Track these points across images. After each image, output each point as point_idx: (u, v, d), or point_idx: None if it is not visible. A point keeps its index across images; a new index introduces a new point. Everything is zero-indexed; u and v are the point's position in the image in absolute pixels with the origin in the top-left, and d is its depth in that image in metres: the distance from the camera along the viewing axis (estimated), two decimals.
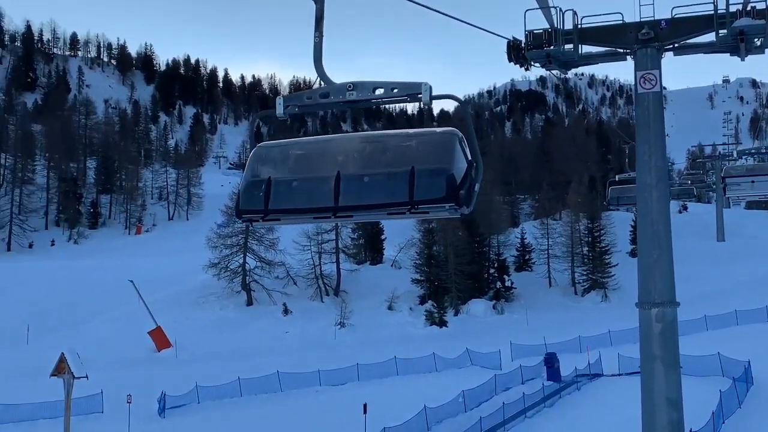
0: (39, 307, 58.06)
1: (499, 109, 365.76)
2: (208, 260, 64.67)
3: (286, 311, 62.34)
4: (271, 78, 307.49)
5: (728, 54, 14.93)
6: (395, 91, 5.21)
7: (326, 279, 69.10)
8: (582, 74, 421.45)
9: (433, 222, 74.03)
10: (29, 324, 52.85)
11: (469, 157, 5.37)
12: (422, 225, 73.91)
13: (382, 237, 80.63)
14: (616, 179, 21.18)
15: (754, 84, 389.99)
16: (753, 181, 18.10)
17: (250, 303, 64.47)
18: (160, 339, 52.04)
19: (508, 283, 68.78)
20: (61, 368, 29.41)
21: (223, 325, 58.93)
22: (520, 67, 15.36)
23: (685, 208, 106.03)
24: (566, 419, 30.94)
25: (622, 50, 15.95)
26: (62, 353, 29.50)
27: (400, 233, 78.51)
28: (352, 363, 43.01)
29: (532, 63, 15.42)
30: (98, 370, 44.52)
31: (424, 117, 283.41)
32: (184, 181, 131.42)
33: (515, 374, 36.83)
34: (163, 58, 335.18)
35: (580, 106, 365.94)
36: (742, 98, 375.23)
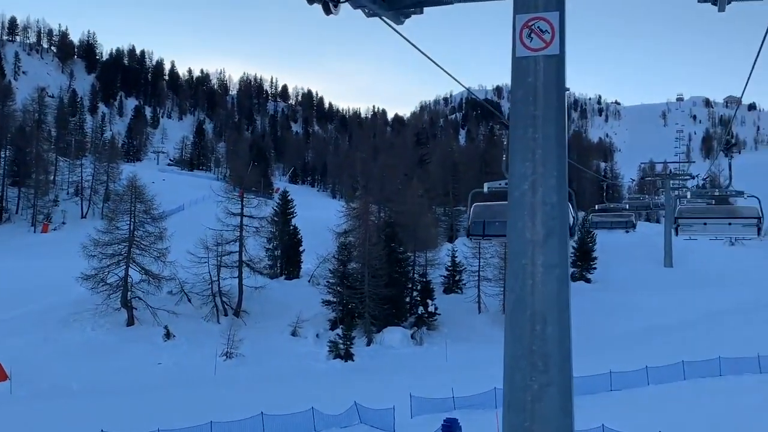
0: None
1: (454, 116, 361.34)
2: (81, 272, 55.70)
3: (168, 335, 53.72)
4: (221, 73, 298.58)
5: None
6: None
7: (226, 297, 60.64)
8: None
9: (350, 235, 66.21)
10: None
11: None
12: (338, 238, 65.83)
13: (301, 249, 72.49)
14: (485, 190, 12.22)
15: (707, 103, 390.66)
16: (705, 223, 16.43)
17: (131, 323, 55.74)
18: None
19: (431, 308, 60.80)
20: None
21: (90, 351, 50.12)
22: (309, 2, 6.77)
23: (633, 227, 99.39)
24: None
25: None
26: None
27: (322, 245, 70.48)
28: (223, 411, 34.93)
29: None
30: None
31: (378, 120, 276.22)
32: (104, 176, 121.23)
33: None
34: (106, 48, 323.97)
35: None
36: (695, 117, 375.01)
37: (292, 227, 74.07)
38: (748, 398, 32.74)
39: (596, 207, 29.78)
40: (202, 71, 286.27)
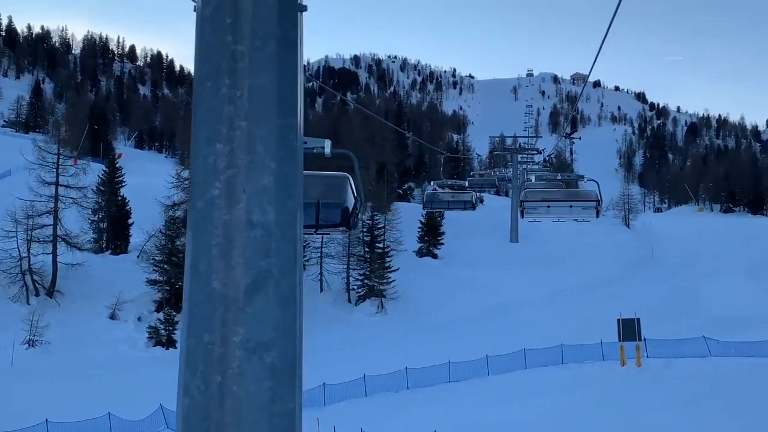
0: None
1: (311, 84, 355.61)
2: None
3: None
4: (63, 31, 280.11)
5: None
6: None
7: (38, 275, 54.30)
8: (395, 57, 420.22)
9: (180, 209, 61.03)
10: None
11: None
12: (168, 211, 60.47)
13: (130, 221, 66.50)
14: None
15: (555, 79, 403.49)
16: (549, 206, 17.27)
17: None
18: None
19: None
20: None
21: None
22: None
23: (481, 201, 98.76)
24: None
25: None
26: None
27: (157, 217, 64.76)
28: (7, 414, 29.88)
29: None
30: None
31: None
32: None
33: None
34: None
35: (392, 89, 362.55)
36: (543, 92, 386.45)
37: (120, 197, 67.91)
38: (588, 391, 30.88)
39: (431, 183, 26.14)
40: (42, 28, 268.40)
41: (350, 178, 7.19)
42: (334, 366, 38.95)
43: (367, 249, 62.70)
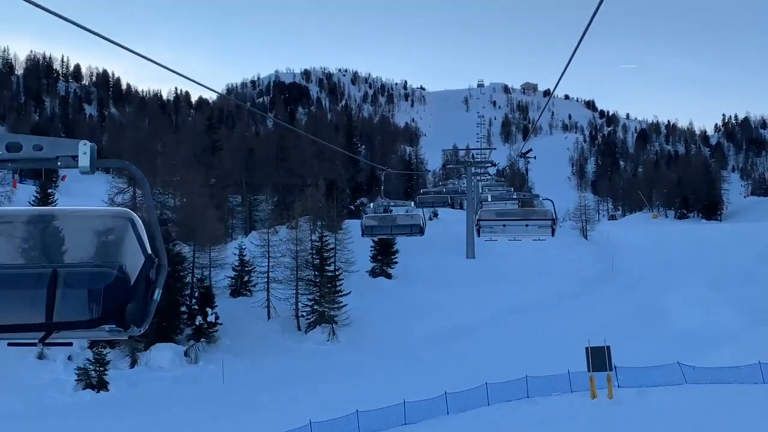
0: None
1: (261, 100, 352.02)
2: None
3: None
4: (4, 51, 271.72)
5: None
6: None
7: None
8: (346, 70, 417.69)
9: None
10: None
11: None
12: None
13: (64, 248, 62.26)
14: None
15: (506, 89, 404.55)
16: (504, 225, 16.58)
17: None
18: None
19: (212, 317, 53.16)
20: None
21: None
22: None
23: (436, 215, 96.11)
24: None
25: None
26: None
27: None
28: None
29: None
30: None
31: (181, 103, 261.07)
32: None
33: None
34: None
35: (343, 102, 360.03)
36: (494, 102, 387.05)
37: None
38: (558, 429, 28.04)
39: (371, 205, 22.60)
40: None
41: (134, 218, 3.19)
42: (280, 407, 35.72)
43: (316, 272, 59.43)
